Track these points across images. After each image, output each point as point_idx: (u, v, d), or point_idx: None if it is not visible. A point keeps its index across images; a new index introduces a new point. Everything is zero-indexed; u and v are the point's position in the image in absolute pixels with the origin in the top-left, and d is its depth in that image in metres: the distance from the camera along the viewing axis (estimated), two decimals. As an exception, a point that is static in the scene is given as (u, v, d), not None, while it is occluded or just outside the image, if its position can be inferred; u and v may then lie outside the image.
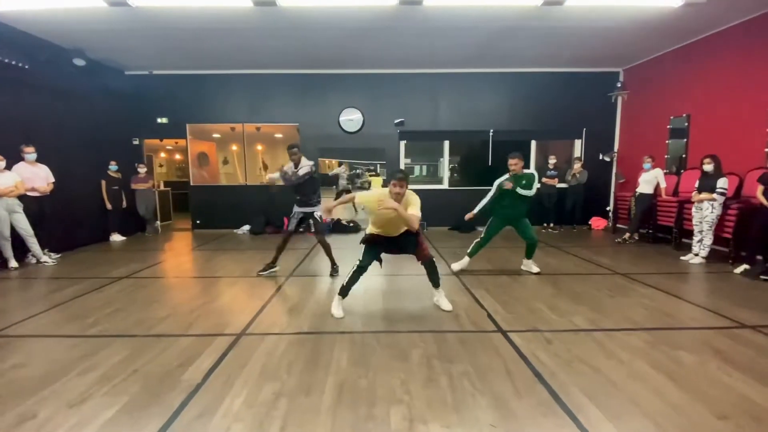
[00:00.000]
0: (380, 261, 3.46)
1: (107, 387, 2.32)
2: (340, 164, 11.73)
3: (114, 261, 5.65)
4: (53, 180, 5.67)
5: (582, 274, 4.67)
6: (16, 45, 5.57)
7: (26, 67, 5.64)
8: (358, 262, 3.36)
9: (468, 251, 4.75)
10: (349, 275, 3.38)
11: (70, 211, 6.43)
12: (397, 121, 8.00)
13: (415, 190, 3.20)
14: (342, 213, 8.81)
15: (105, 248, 6.68)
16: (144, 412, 2.05)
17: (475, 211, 4.55)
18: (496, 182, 4.53)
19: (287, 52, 6.78)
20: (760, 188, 4.59)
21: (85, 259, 5.78)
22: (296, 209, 4.62)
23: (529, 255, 4.76)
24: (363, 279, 3.45)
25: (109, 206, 7.14)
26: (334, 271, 4.68)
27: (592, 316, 3.33)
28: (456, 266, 4.77)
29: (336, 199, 11.64)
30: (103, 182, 7.11)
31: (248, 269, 5.21)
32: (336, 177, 11.53)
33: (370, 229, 3.40)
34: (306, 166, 4.48)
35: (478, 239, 4.69)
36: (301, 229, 4.85)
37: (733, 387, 2.24)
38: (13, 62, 5.43)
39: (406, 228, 3.24)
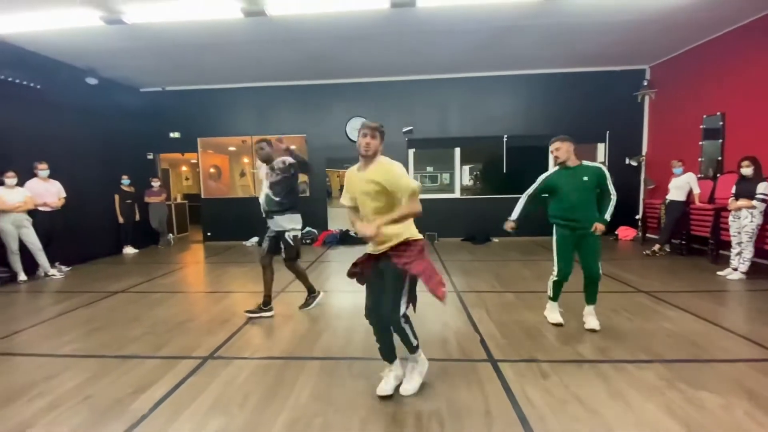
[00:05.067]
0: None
1: (52, 415, 2.19)
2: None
3: (118, 274, 5.68)
4: (65, 195, 5.81)
5: (600, 292, 4.14)
6: (28, 66, 5.78)
7: (38, 87, 5.84)
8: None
9: (549, 295, 3.36)
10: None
11: (84, 225, 6.58)
12: (405, 129, 7.76)
13: (425, 200, 2.60)
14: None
15: (116, 261, 6.79)
16: (73, 450, 1.88)
17: (514, 217, 3.25)
18: (541, 177, 3.23)
19: (290, 63, 6.73)
20: (810, 194, 3.99)
21: (92, 272, 5.86)
22: (269, 224, 3.60)
23: (590, 298, 3.23)
24: (351, 294, 3.19)
25: (121, 220, 7.28)
26: (311, 298, 3.82)
27: (603, 343, 2.91)
28: (553, 317, 3.33)
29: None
30: (117, 196, 7.27)
31: (243, 283, 5.09)
32: None
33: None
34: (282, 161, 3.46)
35: (554, 277, 3.26)
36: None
37: (768, 443, 1.80)
38: (25, 83, 5.64)
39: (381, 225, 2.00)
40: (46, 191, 5.63)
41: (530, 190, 3.26)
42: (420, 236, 2.19)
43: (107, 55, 6.12)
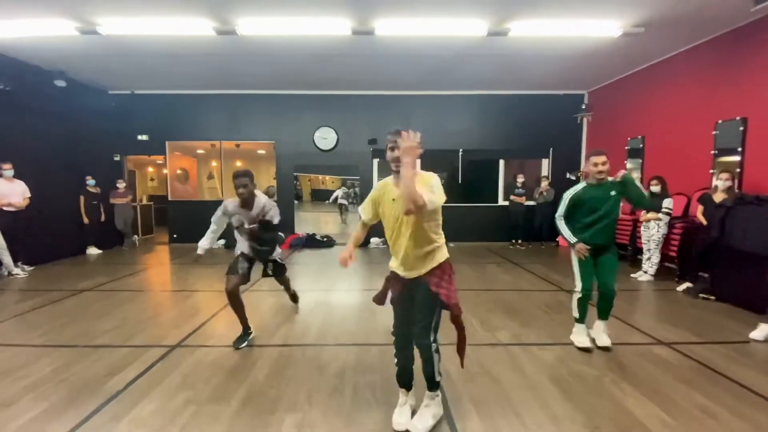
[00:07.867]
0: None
1: (34, 393, 2.48)
2: (344, 185, 12.23)
3: (84, 274, 5.81)
4: (29, 195, 5.88)
5: (529, 291, 4.82)
6: (-3, 69, 5.85)
7: (7, 89, 5.91)
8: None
9: (576, 316, 3.20)
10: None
11: (48, 225, 6.61)
12: (369, 139, 8.26)
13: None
14: (315, 227, 8.99)
15: (80, 261, 6.85)
16: (60, 416, 2.21)
17: (573, 241, 3.11)
18: (568, 194, 3.18)
19: (260, 74, 7.08)
20: (700, 208, 4.79)
21: (56, 272, 5.95)
22: (245, 251, 3.48)
23: (602, 313, 3.16)
24: (310, 294, 3.54)
25: (86, 220, 7.34)
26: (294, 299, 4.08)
27: (518, 331, 3.48)
28: (581, 341, 3.14)
29: (341, 215, 12.16)
30: (82, 197, 7.32)
31: (210, 283, 5.37)
32: (336, 198, 11.99)
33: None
34: (270, 207, 3.29)
35: (579, 294, 3.12)
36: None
37: (620, 400, 2.38)
38: (-7, 84, 5.71)
39: (419, 250, 2.01)
40: (11, 191, 5.70)
41: (561, 211, 3.19)
42: (447, 255, 2.11)
43: (77, 60, 6.25)
